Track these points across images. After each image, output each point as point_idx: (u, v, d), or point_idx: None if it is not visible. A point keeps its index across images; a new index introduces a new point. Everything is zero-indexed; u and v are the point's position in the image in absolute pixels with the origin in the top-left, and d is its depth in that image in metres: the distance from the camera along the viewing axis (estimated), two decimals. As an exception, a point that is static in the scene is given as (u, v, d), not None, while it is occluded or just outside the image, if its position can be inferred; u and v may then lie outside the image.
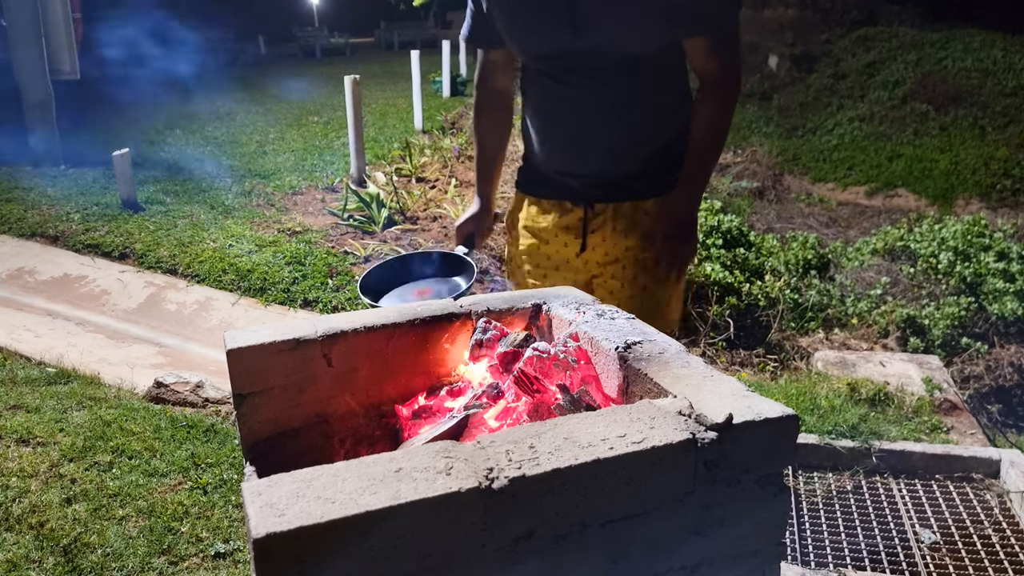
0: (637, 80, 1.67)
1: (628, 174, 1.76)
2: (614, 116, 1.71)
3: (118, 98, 10.33)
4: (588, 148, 1.76)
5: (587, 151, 1.76)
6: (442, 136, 8.93)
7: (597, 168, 1.77)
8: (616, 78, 1.67)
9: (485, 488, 0.91)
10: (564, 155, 1.80)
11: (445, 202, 6.17)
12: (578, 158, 1.78)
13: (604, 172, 1.77)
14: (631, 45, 1.63)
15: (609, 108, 1.70)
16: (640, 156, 1.75)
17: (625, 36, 1.62)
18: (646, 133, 1.74)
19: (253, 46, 19.33)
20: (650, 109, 1.72)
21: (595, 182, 1.78)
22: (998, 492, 2.71)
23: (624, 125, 1.71)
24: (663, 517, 1.05)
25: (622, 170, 1.76)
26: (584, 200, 1.80)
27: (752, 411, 1.08)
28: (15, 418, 2.85)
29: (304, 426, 1.41)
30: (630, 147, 1.74)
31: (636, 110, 1.70)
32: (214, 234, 5.46)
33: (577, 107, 1.72)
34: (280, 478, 0.93)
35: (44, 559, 2.11)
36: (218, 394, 3.31)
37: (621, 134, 1.73)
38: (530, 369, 1.34)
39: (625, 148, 1.74)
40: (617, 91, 1.68)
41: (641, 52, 1.64)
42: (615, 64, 1.65)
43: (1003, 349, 4.67)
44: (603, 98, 1.70)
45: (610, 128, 1.72)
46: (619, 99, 1.69)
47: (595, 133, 1.74)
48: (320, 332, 1.37)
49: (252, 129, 9.75)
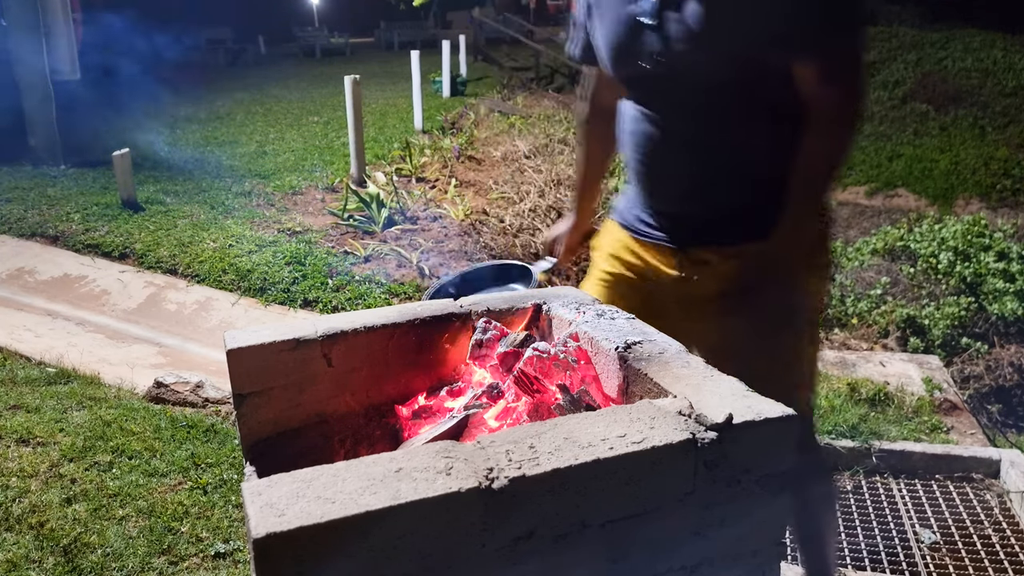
0: (733, 111, 1.48)
1: (724, 215, 1.56)
2: (706, 150, 1.53)
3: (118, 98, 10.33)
4: (679, 184, 1.59)
5: (678, 187, 1.59)
6: (442, 136, 8.93)
7: (689, 207, 1.60)
8: (708, 109, 1.49)
9: (485, 488, 0.91)
10: (656, 191, 1.63)
11: (445, 202, 6.17)
12: (669, 195, 1.62)
13: (696, 212, 1.59)
14: (722, 72, 1.45)
15: (701, 142, 1.52)
16: (737, 196, 1.55)
17: (714, 62, 1.43)
18: (745, 170, 1.54)
19: (253, 46, 19.33)
20: (750, 143, 1.52)
21: (688, 223, 1.60)
22: (998, 492, 2.71)
23: (718, 160, 1.53)
24: (663, 517, 1.05)
25: (717, 211, 1.57)
26: (677, 243, 1.62)
27: (752, 411, 1.08)
28: (15, 418, 2.85)
29: (304, 426, 1.41)
30: (725, 185, 1.55)
31: (732, 143, 1.52)
32: (214, 234, 5.46)
33: (664, 138, 1.55)
34: (280, 478, 0.93)
35: (44, 559, 2.11)
36: (218, 394, 3.31)
37: (715, 170, 1.54)
38: (530, 369, 1.34)
39: (720, 186, 1.55)
40: (707, 122, 1.50)
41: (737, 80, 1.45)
42: (707, 93, 1.48)
43: (1003, 349, 4.67)
44: (693, 131, 1.52)
45: (702, 163, 1.54)
46: (710, 131, 1.51)
47: (685, 169, 1.56)
48: (320, 332, 1.37)
49: (252, 129, 9.75)
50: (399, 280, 4.80)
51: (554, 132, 9.07)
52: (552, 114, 10.58)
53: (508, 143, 8.41)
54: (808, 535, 1.78)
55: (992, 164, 9.87)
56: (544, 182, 6.73)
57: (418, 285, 4.75)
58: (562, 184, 6.75)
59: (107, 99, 10.04)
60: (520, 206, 6.17)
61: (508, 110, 11.16)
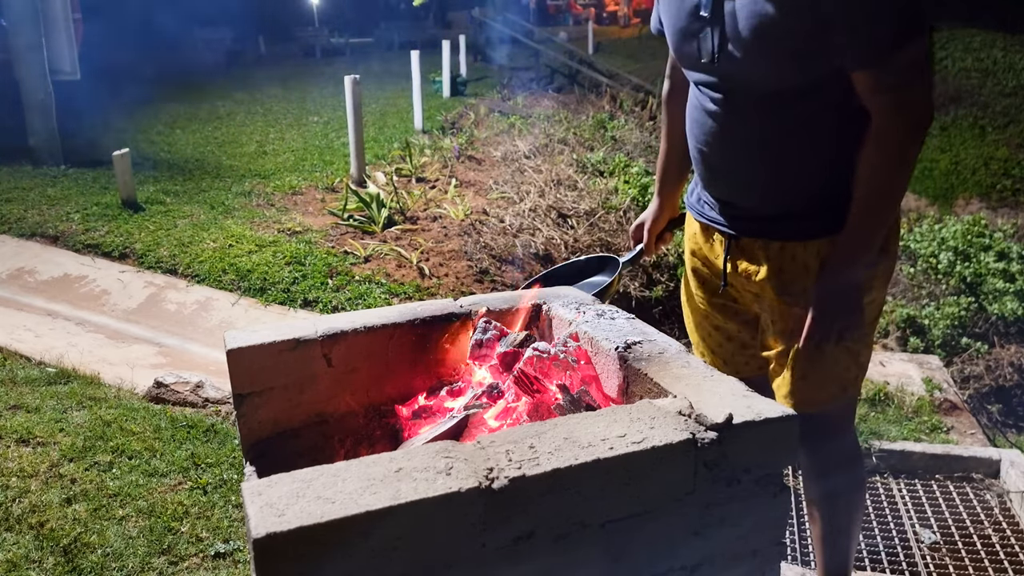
0: (787, 113, 1.45)
1: (774, 212, 1.54)
2: (758, 148, 1.51)
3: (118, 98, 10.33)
4: (729, 176, 1.58)
5: (728, 179, 1.58)
6: (442, 136, 8.93)
7: (739, 199, 1.58)
8: (762, 109, 1.47)
9: (485, 488, 0.91)
10: (709, 178, 1.62)
11: (445, 202, 6.17)
12: (721, 184, 1.60)
13: (746, 204, 1.57)
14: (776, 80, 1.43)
15: (753, 140, 1.50)
16: (787, 195, 1.52)
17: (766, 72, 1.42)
18: (795, 171, 1.50)
19: (253, 46, 19.33)
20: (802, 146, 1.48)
21: (739, 213, 1.59)
22: (998, 492, 2.71)
23: (769, 159, 1.51)
24: (663, 517, 1.05)
25: (766, 207, 1.55)
26: (730, 229, 1.60)
27: (752, 411, 1.08)
28: (15, 418, 2.85)
29: (304, 426, 1.41)
30: (775, 183, 1.52)
31: (784, 145, 1.48)
32: (214, 234, 5.46)
33: (721, 133, 1.54)
34: (280, 478, 0.93)
35: (44, 559, 2.11)
36: (218, 394, 3.31)
37: (765, 168, 1.52)
38: (530, 369, 1.34)
39: (769, 184, 1.53)
40: (761, 123, 1.48)
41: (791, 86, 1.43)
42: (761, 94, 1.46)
43: (1003, 349, 4.67)
44: (746, 128, 1.50)
45: (752, 160, 1.53)
46: (763, 132, 1.49)
47: (736, 162, 1.55)
48: (320, 332, 1.37)
49: (252, 129, 9.75)
50: (399, 280, 4.80)
51: (554, 132, 9.07)
52: (552, 114, 10.58)
53: (508, 143, 8.41)
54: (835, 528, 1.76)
55: (992, 164, 9.87)
56: (544, 182, 6.72)
57: (418, 285, 4.75)
58: (562, 184, 6.75)
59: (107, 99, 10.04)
60: (520, 206, 6.16)
61: (508, 110, 11.16)
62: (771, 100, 1.45)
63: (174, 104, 11.11)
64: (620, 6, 31.12)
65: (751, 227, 1.57)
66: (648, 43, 20.75)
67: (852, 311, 1.48)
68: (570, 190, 6.64)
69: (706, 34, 1.45)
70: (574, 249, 5.64)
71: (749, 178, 1.54)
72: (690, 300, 1.82)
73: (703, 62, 1.49)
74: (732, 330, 1.74)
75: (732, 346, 1.76)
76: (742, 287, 1.63)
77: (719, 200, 1.62)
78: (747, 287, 1.61)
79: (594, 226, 5.98)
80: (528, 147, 8.09)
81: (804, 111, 1.44)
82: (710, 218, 1.65)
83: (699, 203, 1.69)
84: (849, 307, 1.48)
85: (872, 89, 1.37)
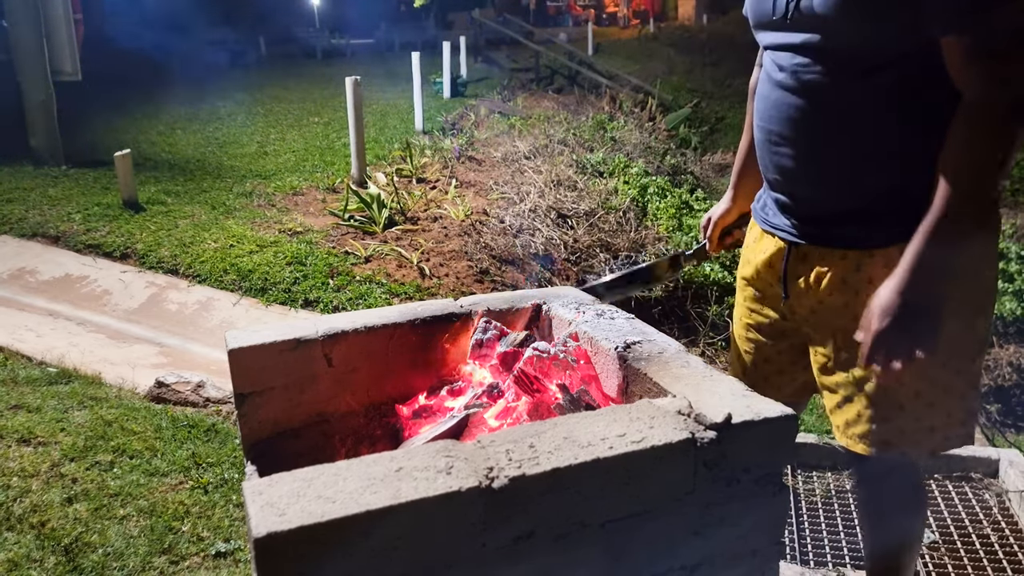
0: (864, 87, 1.28)
1: (839, 210, 1.37)
2: (827, 127, 1.34)
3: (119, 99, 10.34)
4: (793, 160, 1.39)
5: (792, 163, 1.40)
6: (442, 137, 8.93)
7: (801, 190, 1.42)
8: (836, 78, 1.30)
9: (485, 487, 0.92)
10: (772, 165, 1.45)
11: (446, 202, 6.17)
12: (784, 171, 1.43)
13: (809, 198, 1.41)
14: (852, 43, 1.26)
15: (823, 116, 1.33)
16: (856, 189, 1.35)
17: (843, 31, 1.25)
18: (868, 160, 1.33)
19: (254, 47, 19.34)
20: (879, 129, 1.31)
21: (800, 211, 1.43)
22: (997, 492, 2.71)
23: (838, 141, 1.34)
24: (662, 516, 1.05)
25: (830, 201, 1.38)
26: (789, 233, 1.45)
27: (751, 411, 1.09)
28: (16, 418, 2.86)
29: (305, 426, 1.41)
30: (843, 172, 1.35)
31: (857, 125, 1.31)
32: (215, 234, 5.47)
33: (787, 108, 1.37)
34: (281, 477, 0.93)
35: (45, 558, 2.12)
36: (219, 394, 3.31)
37: (834, 152, 1.35)
38: (530, 369, 1.34)
39: (837, 171, 1.36)
40: (834, 95, 1.31)
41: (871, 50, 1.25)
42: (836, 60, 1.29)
43: (1002, 349, 4.67)
44: (816, 103, 1.33)
45: (820, 141, 1.35)
46: (835, 106, 1.31)
47: (802, 143, 1.37)
48: (321, 332, 1.38)
49: (253, 130, 9.75)
50: (400, 280, 4.80)
51: (554, 133, 9.07)
52: (552, 115, 10.58)
53: (508, 144, 8.41)
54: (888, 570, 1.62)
55: (992, 164, 9.87)
56: (544, 182, 6.73)
57: (419, 285, 4.75)
58: (562, 184, 6.76)
59: (108, 100, 10.05)
60: (520, 206, 6.17)
61: (508, 111, 11.17)
62: (844, 69, 1.28)
63: (175, 105, 11.12)
64: (620, 7, 31.14)
65: (812, 232, 1.41)
66: (647, 44, 20.75)
67: (926, 321, 1.23)
68: (570, 191, 6.64)
69: None
70: (574, 249, 5.65)
71: (815, 162, 1.37)
72: (737, 308, 1.69)
73: (775, 19, 1.33)
74: (772, 352, 1.60)
75: (768, 368, 1.63)
76: (797, 302, 1.47)
77: (782, 195, 1.46)
78: (803, 301, 1.45)
79: (594, 226, 5.99)
80: (528, 148, 8.10)
81: (881, 85, 1.26)
82: (772, 223, 1.50)
83: (763, 208, 1.55)
84: (922, 316, 1.23)
85: (964, 59, 1.17)
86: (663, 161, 9.20)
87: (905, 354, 1.24)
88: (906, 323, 1.23)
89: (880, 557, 1.63)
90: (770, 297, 1.55)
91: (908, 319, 1.23)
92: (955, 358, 1.36)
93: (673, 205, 6.49)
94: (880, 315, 1.25)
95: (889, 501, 1.56)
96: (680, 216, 6.28)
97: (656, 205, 6.47)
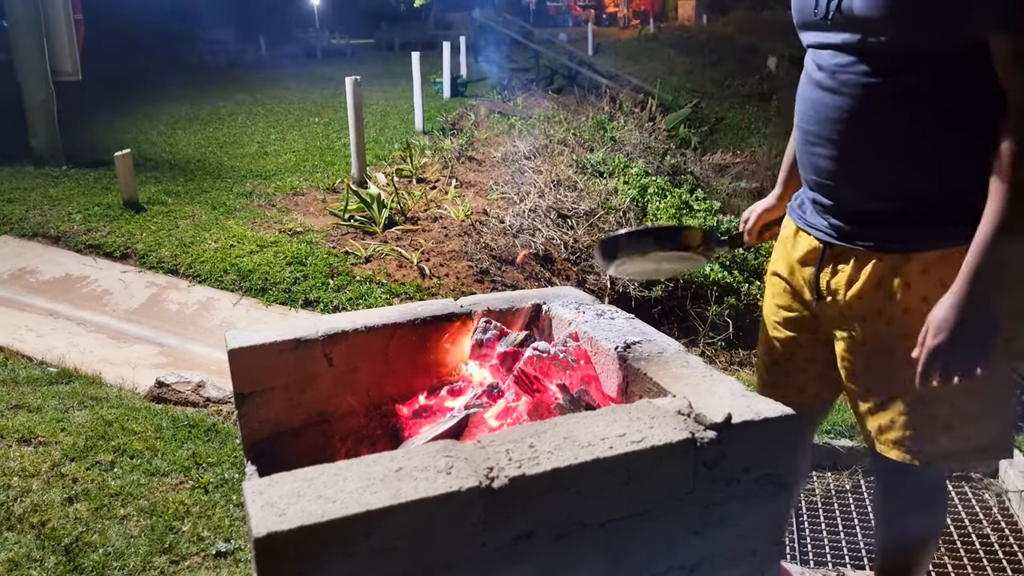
0: (903, 87, 1.26)
1: (874, 211, 1.35)
2: (866, 127, 1.31)
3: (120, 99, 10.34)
4: (830, 159, 1.37)
5: (829, 163, 1.38)
6: (442, 137, 8.94)
7: (837, 190, 1.39)
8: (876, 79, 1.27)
9: (485, 487, 0.92)
10: (809, 162, 1.43)
11: (446, 203, 6.18)
12: (820, 170, 1.40)
13: (845, 198, 1.38)
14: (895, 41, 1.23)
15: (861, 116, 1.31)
16: (892, 190, 1.32)
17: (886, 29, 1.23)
18: (907, 161, 1.30)
19: (254, 47, 19.35)
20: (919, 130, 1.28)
21: (836, 210, 1.40)
22: (997, 492, 2.71)
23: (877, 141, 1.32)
24: (662, 516, 1.05)
25: (866, 202, 1.35)
26: (824, 233, 1.43)
27: (751, 411, 1.09)
28: (17, 418, 2.86)
29: (305, 425, 1.41)
30: (880, 173, 1.33)
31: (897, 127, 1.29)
32: (215, 234, 5.47)
33: (826, 107, 1.35)
34: (281, 477, 0.93)
35: (46, 558, 2.12)
36: (219, 394, 3.32)
37: (872, 152, 1.32)
38: (530, 369, 1.34)
39: (873, 172, 1.33)
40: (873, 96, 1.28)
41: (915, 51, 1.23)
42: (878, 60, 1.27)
43: (1003, 349, 4.67)
44: (855, 102, 1.31)
45: (859, 141, 1.33)
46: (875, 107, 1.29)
47: (839, 142, 1.35)
48: (321, 332, 1.38)
49: (253, 130, 9.76)
50: (400, 280, 4.80)
51: (554, 133, 9.08)
52: (552, 115, 10.58)
53: (508, 144, 8.42)
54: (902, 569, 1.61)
55: (992, 165, 9.87)
56: (544, 183, 6.73)
57: (419, 285, 4.76)
58: (562, 184, 6.76)
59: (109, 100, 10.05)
60: (520, 206, 6.17)
61: (508, 111, 11.17)
62: (884, 69, 1.26)
63: (175, 105, 11.12)
64: (620, 7, 31.15)
65: (849, 232, 1.39)
66: (647, 44, 20.75)
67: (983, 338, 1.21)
68: (570, 191, 6.64)
69: None
70: (574, 249, 5.65)
71: (850, 162, 1.35)
72: (767, 303, 1.67)
73: (817, 17, 1.32)
74: (797, 347, 1.58)
75: (792, 364, 1.61)
76: (829, 303, 1.45)
77: (818, 194, 1.44)
78: (835, 302, 1.43)
79: (594, 226, 5.99)
80: (528, 148, 8.10)
81: (919, 86, 1.24)
82: (808, 222, 1.48)
83: (800, 206, 1.54)
84: (978, 332, 1.20)
85: (1013, 60, 1.15)
86: (663, 161, 9.20)
87: (962, 371, 1.22)
88: (963, 339, 1.21)
89: (896, 553, 1.61)
90: (801, 294, 1.54)
91: (966, 335, 1.21)
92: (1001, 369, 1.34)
93: (673, 205, 6.49)
94: (936, 330, 1.23)
95: (911, 499, 1.54)
96: (680, 216, 6.28)
97: (656, 205, 6.47)
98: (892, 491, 1.56)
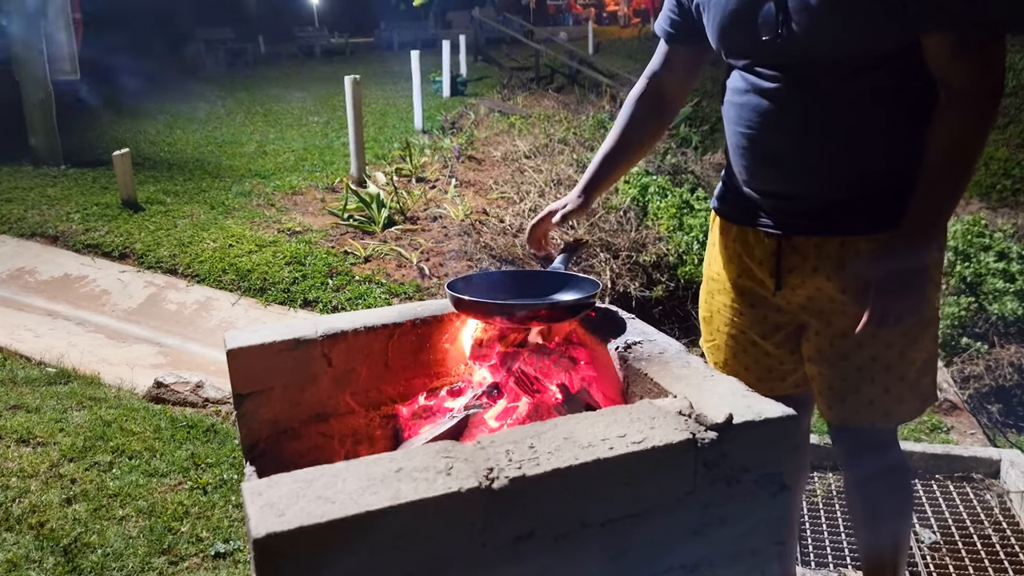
0: (855, 87, 1.37)
1: (835, 201, 1.44)
2: (821, 127, 1.40)
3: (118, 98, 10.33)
4: (786, 162, 1.46)
5: (785, 166, 1.46)
6: (442, 136, 8.93)
7: (795, 188, 1.46)
8: (828, 84, 1.38)
9: (485, 488, 0.91)
10: (759, 169, 1.50)
11: (445, 202, 6.17)
12: (775, 173, 1.48)
13: (804, 194, 1.46)
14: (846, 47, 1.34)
15: (816, 118, 1.40)
16: (851, 180, 1.43)
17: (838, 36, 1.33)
18: (862, 152, 1.41)
19: (253, 46, 19.34)
20: (870, 123, 1.40)
21: (793, 207, 1.47)
22: (998, 492, 2.71)
23: (833, 139, 1.41)
24: (663, 517, 1.05)
25: (826, 195, 1.44)
26: (779, 228, 1.50)
27: (752, 411, 1.08)
28: (15, 418, 2.85)
29: (304, 426, 1.41)
30: (839, 167, 1.42)
31: (851, 122, 1.40)
32: (214, 234, 5.46)
33: (778, 115, 1.43)
34: (280, 478, 0.93)
35: (44, 559, 2.11)
36: (218, 394, 3.31)
37: (829, 149, 1.41)
38: (530, 369, 1.34)
39: (832, 167, 1.42)
40: (827, 99, 1.39)
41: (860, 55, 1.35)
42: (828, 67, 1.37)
43: (1003, 349, 4.67)
44: (809, 106, 1.40)
45: (815, 140, 1.42)
46: (828, 108, 1.39)
47: (796, 145, 1.43)
48: (320, 332, 1.37)
49: (252, 129, 9.75)
50: (399, 280, 4.80)
51: (554, 132, 9.07)
52: (552, 114, 10.58)
53: (508, 143, 8.41)
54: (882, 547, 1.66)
55: (992, 164, 9.86)
56: (544, 182, 6.72)
57: (418, 285, 4.75)
58: (562, 184, 6.75)
59: (107, 99, 10.05)
60: (520, 206, 6.17)
61: (508, 110, 11.17)
62: (837, 73, 1.36)
63: (174, 104, 11.12)
64: (620, 6, 31.13)
65: (805, 224, 1.47)
66: (648, 43, 20.76)
67: (915, 291, 1.38)
68: (570, 190, 6.63)
69: (768, 9, 1.37)
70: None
71: (810, 161, 1.44)
72: (718, 315, 1.69)
73: (764, 40, 1.39)
74: (769, 347, 1.63)
75: (770, 362, 1.65)
76: (791, 292, 1.52)
77: (769, 195, 1.51)
78: (799, 291, 1.51)
79: (594, 226, 5.98)
80: (528, 147, 8.09)
81: (871, 84, 1.36)
82: (754, 220, 1.53)
83: (737, 207, 1.58)
84: (911, 287, 1.37)
85: (950, 53, 1.29)
86: (663, 160, 9.19)
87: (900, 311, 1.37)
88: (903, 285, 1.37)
89: (874, 558, 1.68)
90: (759, 293, 1.59)
91: (904, 282, 1.37)
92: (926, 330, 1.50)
93: (674, 205, 6.48)
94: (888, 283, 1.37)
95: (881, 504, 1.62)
96: (681, 216, 6.28)
97: (657, 205, 6.46)
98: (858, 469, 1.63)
